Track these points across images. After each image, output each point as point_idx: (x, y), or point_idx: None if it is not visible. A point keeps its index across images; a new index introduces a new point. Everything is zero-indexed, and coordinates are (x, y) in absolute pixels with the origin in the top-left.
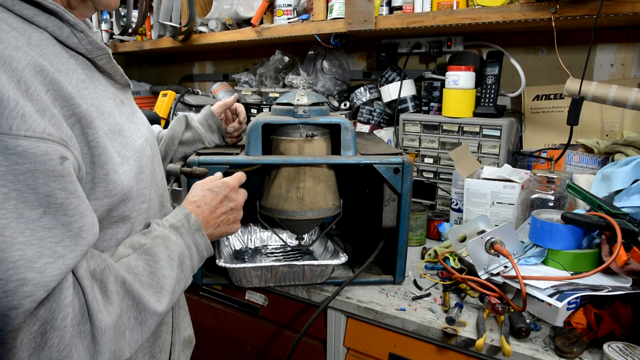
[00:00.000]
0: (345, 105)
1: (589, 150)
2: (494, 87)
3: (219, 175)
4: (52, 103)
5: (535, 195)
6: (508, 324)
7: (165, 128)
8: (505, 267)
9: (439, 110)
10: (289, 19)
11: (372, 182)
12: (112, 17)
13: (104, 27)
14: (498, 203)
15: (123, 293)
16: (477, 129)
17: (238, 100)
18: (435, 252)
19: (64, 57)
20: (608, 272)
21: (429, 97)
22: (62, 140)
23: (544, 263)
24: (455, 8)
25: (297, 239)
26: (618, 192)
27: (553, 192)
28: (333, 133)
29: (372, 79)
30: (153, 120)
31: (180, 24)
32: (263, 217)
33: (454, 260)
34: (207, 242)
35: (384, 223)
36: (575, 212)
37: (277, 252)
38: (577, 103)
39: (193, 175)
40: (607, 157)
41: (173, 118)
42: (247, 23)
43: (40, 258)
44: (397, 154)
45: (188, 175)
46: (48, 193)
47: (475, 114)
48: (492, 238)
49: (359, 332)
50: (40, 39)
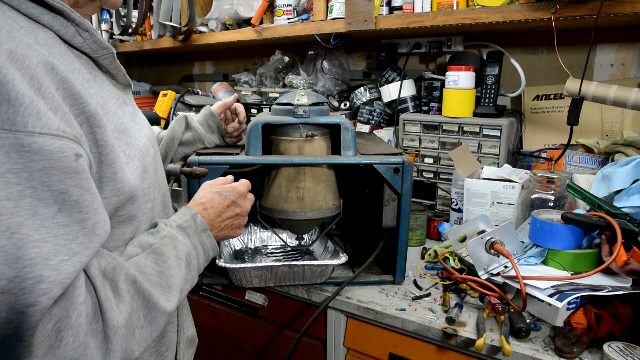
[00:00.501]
0: (345, 105)
1: (589, 150)
2: (494, 87)
3: (230, 179)
4: (62, 101)
5: (535, 195)
6: (508, 324)
7: (165, 128)
8: (505, 267)
9: (439, 110)
10: (289, 19)
11: (372, 182)
12: (112, 17)
13: (104, 27)
14: (498, 203)
15: (134, 292)
16: (477, 129)
17: (238, 100)
18: (435, 252)
19: (70, 56)
20: (608, 272)
21: (429, 97)
22: (75, 138)
23: (544, 263)
24: (455, 8)
25: (297, 239)
26: (618, 192)
27: (553, 192)
28: (333, 133)
29: (372, 79)
30: (153, 120)
31: (180, 24)
32: (263, 217)
33: (454, 260)
34: (213, 242)
35: (384, 223)
36: (575, 212)
37: (277, 252)
38: (577, 103)
39: (193, 176)
40: (607, 157)
41: (173, 118)
42: (247, 23)
43: (56, 255)
44: (397, 154)
45: (188, 175)
46: (63, 190)
47: (475, 114)
48: (492, 238)
49: (359, 332)
50: (47, 38)
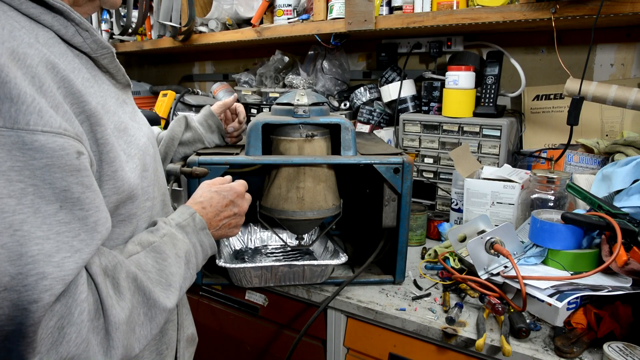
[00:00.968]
0: (345, 105)
1: (589, 150)
2: (494, 87)
3: (229, 179)
4: (63, 99)
5: (535, 195)
6: (508, 324)
7: (165, 128)
8: (505, 267)
9: (439, 110)
10: (289, 19)
11: (372, 182)
12: (112, 17)
13: (104, 27)
14: (498, 203)
15: (134, 289)
16: (477, 129)
17: (238, 100)
18: (435, 252)
19: (70, 55)
20: (608, 272)
21: (429, 97)
22: (76, 136)
23: (544, 263)
24: (455, 8)
25: (297, 239)
26: (618, 192)
27: (553, 192)
28: (333, 133)
29: (372, 79)
30: (153, 121)
31: (180, 24)
32: (263, 217)
33: (454, 260)
34: (211, 240)
35: (384, 223)
36: (575, 212)
37: (277, 252)
38: (577, 103)
39: (193, 175)
40: (607, 157)
41: (173, 118)
42: (247, 23)
43: (58, 252)
44: (397, 154)
45: (188, 175)
46: (65, 187)
47: (475, 114)
48: (492, 238)
49: (359, 332)
50: (47, 38)
